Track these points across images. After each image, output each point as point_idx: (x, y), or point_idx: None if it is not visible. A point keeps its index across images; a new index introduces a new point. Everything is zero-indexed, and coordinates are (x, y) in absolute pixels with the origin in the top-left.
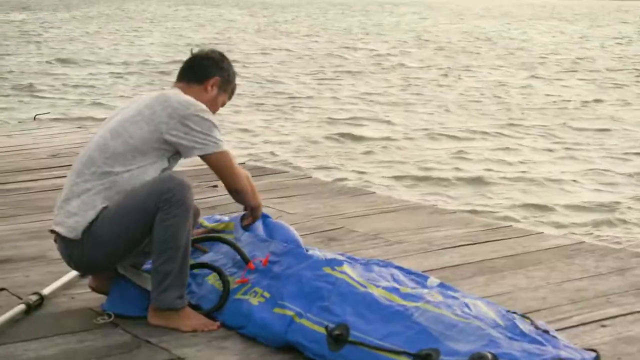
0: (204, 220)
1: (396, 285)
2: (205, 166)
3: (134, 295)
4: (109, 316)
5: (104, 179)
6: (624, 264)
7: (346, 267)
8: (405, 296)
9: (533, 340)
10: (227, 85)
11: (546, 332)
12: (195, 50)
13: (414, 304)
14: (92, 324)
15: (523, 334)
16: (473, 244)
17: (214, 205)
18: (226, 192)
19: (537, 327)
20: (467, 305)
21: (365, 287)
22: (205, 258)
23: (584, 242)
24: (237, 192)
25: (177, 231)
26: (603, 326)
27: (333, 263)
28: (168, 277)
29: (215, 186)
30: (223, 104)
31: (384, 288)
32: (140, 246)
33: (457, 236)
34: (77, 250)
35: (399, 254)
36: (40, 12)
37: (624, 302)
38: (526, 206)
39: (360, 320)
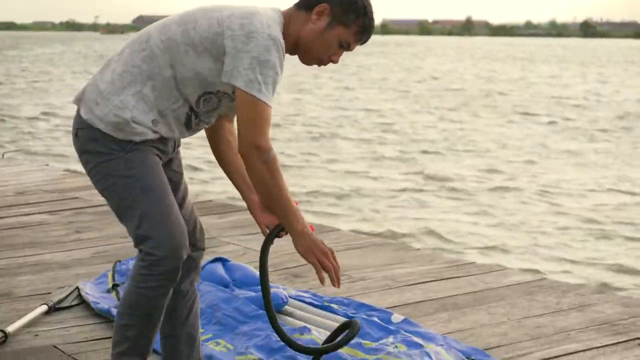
0: None
1: (360, 340)
2: None
3: None
4: None
5: (149, 64)
6: (585, 300)
7: (314, 333)
8: (368, 350)
9: None
10: (345, 17)
11: None
12: None
13: (375, 356)
14: None
15: None
16: (436, 280)
17: None
18: None
19: None
20: (428, 355)
21: None
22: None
23: (546, 278)
24: (244, 155)
25: (150, 302)
26: None
27: (303, 330)
28: (126, 342)
29: None
30: (346, 45)
31: (350, 346)
32: None
33: (421, 273)
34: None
35: (362, 290)
36: None
37: (584, 338)
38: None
39: None
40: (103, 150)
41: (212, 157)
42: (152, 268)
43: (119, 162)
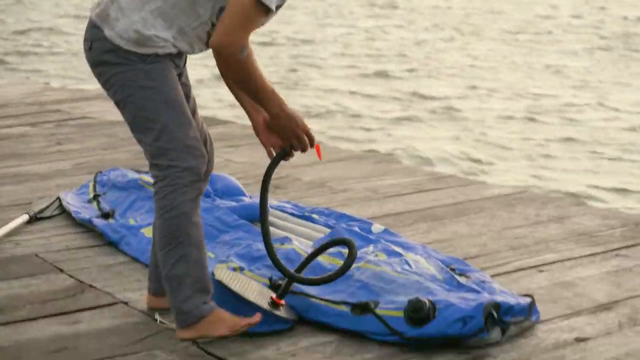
0: (144, 175)
1: (340, 250)
2: None
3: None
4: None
5: None
6: (565, 212)
7: (295, 242)
8: None
9: (469, 290)
10: None
11: (483, 282)
12: None
13: (355, 265)
14: (36, 269)
15: (460, 285)
16: (417, 192)
17: None
18: None
19: (473, 279)
20: (407, 263)
21: None
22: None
23: (526, 191)
24: (216, 48)
25: (184, 222)
26: (541, 271)
27: (284, 240)
28: (184, 283)
29: None
30: None
31: (329, 254)
32: None
33: (402, 185)
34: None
35: (343, 201)
36: None
37: (562, 249)
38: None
39: None
40: (120, 60)
41: (196, 74)
42: (176, 181)
43: (139, 73)
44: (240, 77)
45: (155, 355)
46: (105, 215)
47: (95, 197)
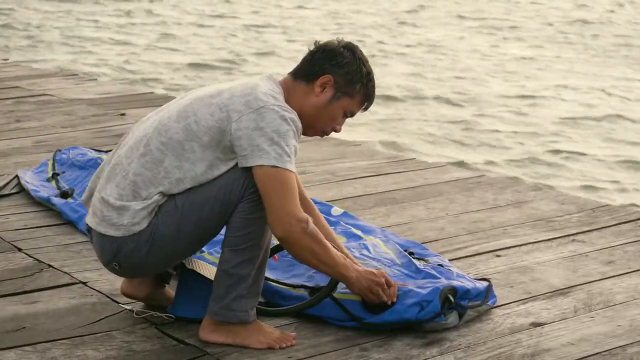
0: (104, 155)
1: None
2: (113, 94)
3: (204, 294)
4: (132, 311)
5: (154, 169)
6: (522, 196)
7: None
8: None
9: (427, 275)
10: (350, 88)
11: (440, 265)
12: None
13: None
14: None
15: (418, 270)
16: (376, 175)
17: (119, 134)
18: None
19: (432, 264)
20: (366, 248)
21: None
22: None
23: (484, 175)
24: (287, 232)
25: (264, 226)
26: (498, 256)
27: None
28: (243, 282)
29: (123, 114)
30: (350, 114)
31: None
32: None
33: (361, 168)
34: (126, 248)
35: (303, 184)
36: None
37: (520, 234)
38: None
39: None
40: (147, 221)
41: None
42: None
43: (164, 216)
44: (317, 252)
45: (112, 337)
46: (64, 194)
47: (54, 175)
